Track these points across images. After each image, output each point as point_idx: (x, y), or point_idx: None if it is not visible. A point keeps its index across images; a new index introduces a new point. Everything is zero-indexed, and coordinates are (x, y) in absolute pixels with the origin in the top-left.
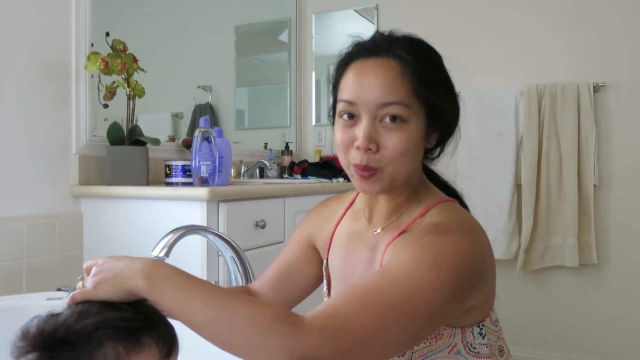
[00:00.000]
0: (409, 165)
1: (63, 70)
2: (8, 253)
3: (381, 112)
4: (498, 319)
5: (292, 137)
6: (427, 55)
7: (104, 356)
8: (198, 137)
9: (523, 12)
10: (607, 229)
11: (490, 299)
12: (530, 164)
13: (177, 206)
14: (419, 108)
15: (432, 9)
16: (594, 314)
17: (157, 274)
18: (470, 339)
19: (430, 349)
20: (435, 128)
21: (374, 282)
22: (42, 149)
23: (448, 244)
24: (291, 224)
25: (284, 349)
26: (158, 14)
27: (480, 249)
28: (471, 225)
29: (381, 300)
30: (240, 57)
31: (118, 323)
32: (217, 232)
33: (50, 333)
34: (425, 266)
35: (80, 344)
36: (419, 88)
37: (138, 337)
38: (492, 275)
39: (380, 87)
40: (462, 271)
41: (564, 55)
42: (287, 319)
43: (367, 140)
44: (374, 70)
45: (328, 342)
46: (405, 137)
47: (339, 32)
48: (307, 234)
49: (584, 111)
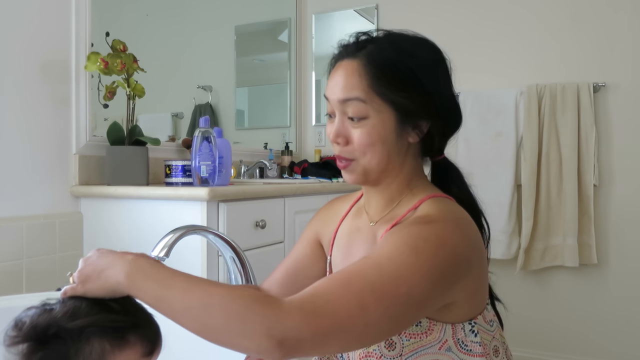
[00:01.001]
0: (380, 157)
1: (63, 70)
2: (8, 253)
3: (345, 108)
4: (494, 320)
5: (292, 137)
6: (395, 53)
7: (90, 351)
8: (198, 137)
9: (523, 12)
10: (607, 229)
11: (478, 296)
12: (530, 164)
13: (177, 206)
14: (379, 104)
15: (432, 8)
16: (594, 314)
17: (136, 270)
18: (461, 336)
19: (420, 344)
20: (415, 123)
21: (357, 266)
22: (42, 149)
23: (430, 231)
24: (291, 224)
25: (262, 329)
26: (158, 14)
27: (465, 241)
28: (458, 217)
29: (362, 281)
30: (240, 57)
31: (107, 323)
32: (217, 232)
33: (44, 329)
34: (405, 249)
35: (70, 340)
36: (376, 85)
37: (124, 335)
38: (481, 271)
39: (341, 85)
40: (443, 257)
41: (564, 55)
42: (265, 299)
43: (335, 134)
44: (341, 70)
45: (308, 322)
46: (367, 132)
47: (339, 32)
48: (314, 232)
49: (584, 111)
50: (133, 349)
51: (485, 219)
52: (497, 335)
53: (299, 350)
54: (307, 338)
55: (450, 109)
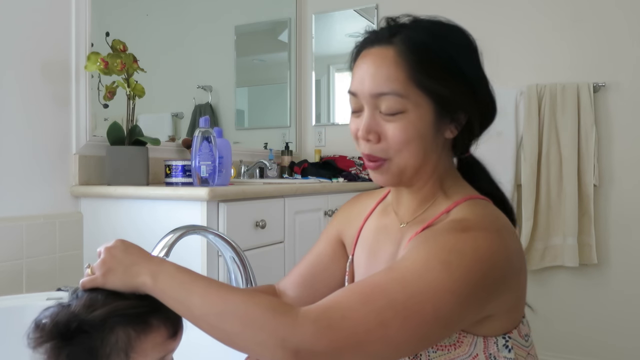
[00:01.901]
0: (417, 156)
1: (63, 70)
2: (8, 253)
3: (378, 102)
4: (529, 334)
5: (292, 137)
6: (432, 39)
7: (116, 340)
8: (198, 137)
9: (523, 12)
10: (607, 229)
11: (516, 310)
12: (530, 164)
13: (177, 206)
14: (418, 96)
15: (432, 8)
16: (594, 313)
17: (163, 273)
18: (494, 351)
19: (448, 357)
20: (453, 116)
21: (380, 279)
22: (42, 149)
23: (466, 242)
24: (291, 224)
25: (277, 340)
26: (158, 14)
27: (505, 252)
28: (499, 225)
29: (384, 297)
30: (240, 57)
31: (127, 311)
32: (217, 232)
33: (65, 324)
34: (437, 264)
35: (94, 332)
36: (417, 76)
37: (146, 320)
38: (520, 284)
39: (372, 77)
40: (481, 274)
41: (564, 55)
42: (280, 308)
43: (365, 131)
44: (370, 60)
45: (322, 336)
46: (404, 128)
47: (339, 32)
48: (336, 230)
49: (584, 111)
50: (158, 332)
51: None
52: (533, 352)
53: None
54: (321, 352)
55: (488, 98)
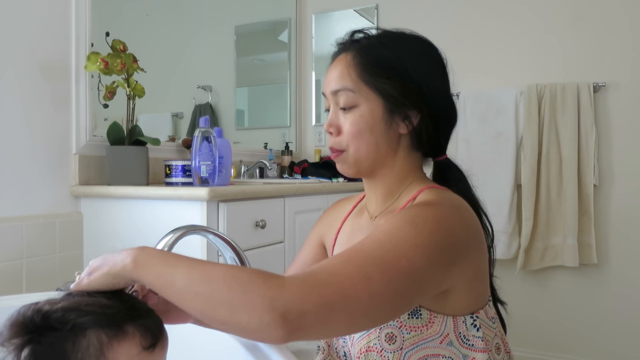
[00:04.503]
0: (369, 146)
1: (63, 70)
2: (8, 253)
3: (337, 99)
4: (496, 318)
5: (292, 137)
6: (383, 45)
7: (88, 344)
8: (198, 137)
9: (523, 12)
10: (607, 229)
11: (477, 285)
12: (530, 164)
13: (177, 206)
14: (368, 93)
15: (432, 8)
16: (594, 314)
17: (144, 254)
18: (463, 330)
19: (421, 337)
20: (405, 114)
21: (357, 244)
22: (42, 149)
23: (428, 211)
24: (291, 224)
25: (265, 301)
26: (158, 14)
27: (463, 223)
28: (456, 203)
29: (364, 256)
30: (240, 57)
31: (97, 309)
32: (217, 232)
33: (30, 318)
34: (404, 224)
35: (63, 330)
36: (364, 73)
37: (121, 326)
38: (480, 259)
39: (332, 77)
40: (443, 235)
41: (564, 55)
42: (267, 273)
43: (328, 124)
44: (334, 65)
45: (310, 292)
46: (356, 120)
47: (339, 32)
48: (318, 234)
49: (584, 111)
50: (132, 341)
51: (489, 221)
52: (499, 333)
53: (303, 325)
54: (310, 310)
55: (441, 103)
